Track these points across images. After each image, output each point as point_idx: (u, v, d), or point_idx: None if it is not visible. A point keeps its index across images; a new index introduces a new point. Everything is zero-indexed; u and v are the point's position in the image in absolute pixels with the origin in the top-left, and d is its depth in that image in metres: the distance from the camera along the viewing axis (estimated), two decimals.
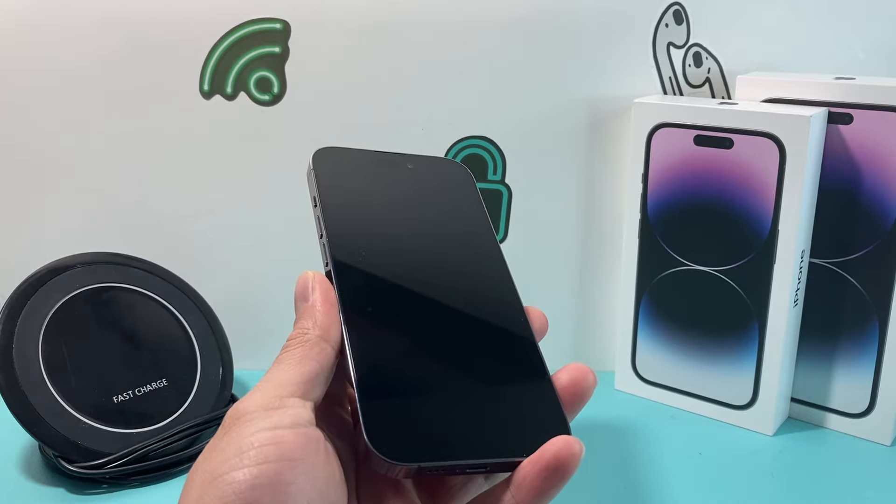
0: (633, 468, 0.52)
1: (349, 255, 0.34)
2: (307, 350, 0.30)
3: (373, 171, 0.38)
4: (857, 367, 0.54)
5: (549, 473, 0.28)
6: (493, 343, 0.33)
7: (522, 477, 0.29)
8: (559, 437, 0.29)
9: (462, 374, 0.32)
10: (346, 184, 0.37)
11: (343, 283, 0.33)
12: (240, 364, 0.59)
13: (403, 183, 0.38)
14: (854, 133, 0.51)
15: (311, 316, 0.31)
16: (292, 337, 0.31)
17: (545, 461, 0.28)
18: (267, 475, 0.26)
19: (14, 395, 0.48)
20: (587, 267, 0.62)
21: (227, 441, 0.27)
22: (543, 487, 0.29)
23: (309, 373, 0.29)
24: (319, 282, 0.32)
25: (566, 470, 0.28)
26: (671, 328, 0.58)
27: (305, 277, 0.32)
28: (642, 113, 0.55)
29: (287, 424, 0.27)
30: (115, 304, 0.54)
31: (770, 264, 0.52)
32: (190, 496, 0.27)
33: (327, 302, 0.32)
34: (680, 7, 0.57)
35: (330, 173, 0.37)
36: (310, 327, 0.31)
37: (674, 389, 0.59)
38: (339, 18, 0.57)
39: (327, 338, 0.31)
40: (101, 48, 0.58)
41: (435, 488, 0.33)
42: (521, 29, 0.57)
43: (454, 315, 0.34)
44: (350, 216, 0.35)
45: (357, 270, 0.33)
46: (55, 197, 0.61)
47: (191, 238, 0.61)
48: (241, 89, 0.58)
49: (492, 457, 0.30)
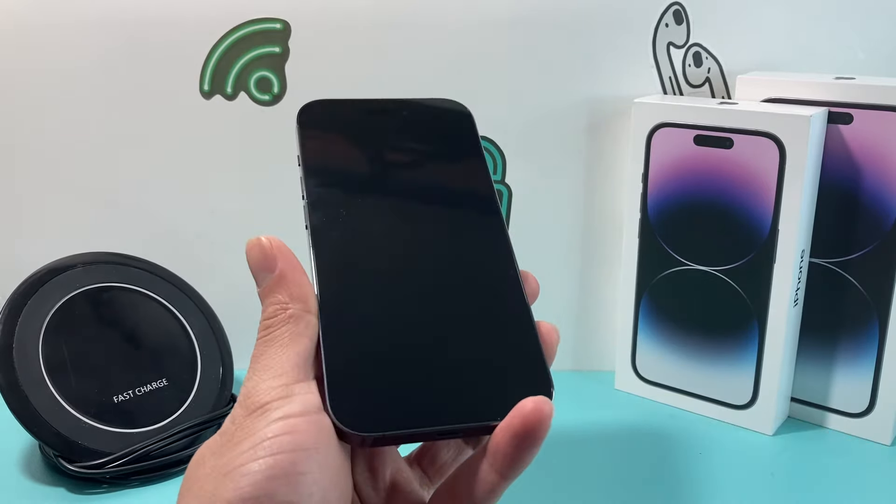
0: (633, 468, 0.52)
1: (328, 217, 0.32)
2: (293, 327, 0.28)
3: (363, 122, 0.36)
4: (857, 366, 0.54)
5: (519, 441, 0.27)
6: (475, 301, 0.31)
7: (496, 444, 0.27)
8: (528, 400, 0.27)
9: (439, 335, 0.30)
10: (333, 139, 0.35)
11: (319, 246, 0.31)
12: (240, 364, 0.59)
13: (395, 133, 0.36)
14: (854, 133, 0.51)
15: (283, 288, 0.29)
16: (271, 314, 0.29)
17: (514, 428, 0.27)
18: (282, 465, 0.26)
19: (14, 394, 0.48)
20: (587, 267, 0.62)
21: (241, 435, 0.27)
22: (516, 455, 0.27)
23: (304, 352, 0.28)
24: (278, 248, 0.30)
25: (536, 434, 0.27)
26: (671, 328, 0.58)
27: (260, 244, 0.30)
28: (642, 113, 0.55)
29: (298, 412, 0.27)
30: (115, 304, 0.54)
31: (770, 264, 0.52)
32: (202, 489, 0.26)
33: (296, 270, 0.29)
34: (680, 7, 0.57)
35: (315, 129, 0.35)
36: (287, 301, 0.29)
37: (674, 389, 0.59)
38: (339, 18, 0.57)
39: (308, 308, 0.29)
40: (101, 48, 0.58)
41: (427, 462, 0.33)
42: (521, 29, 0.57)
43: (436, 274, 0.32)
44: (333, 174, 0.34)
45: (335, 233, 0.32)
46: (55, 197, 0.61)
47: (191, 238, 0.61)
48: (241, 89, 0.58)
49: (462, 421, 0.28)
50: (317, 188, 0.33)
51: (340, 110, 0.36)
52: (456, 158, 0.36)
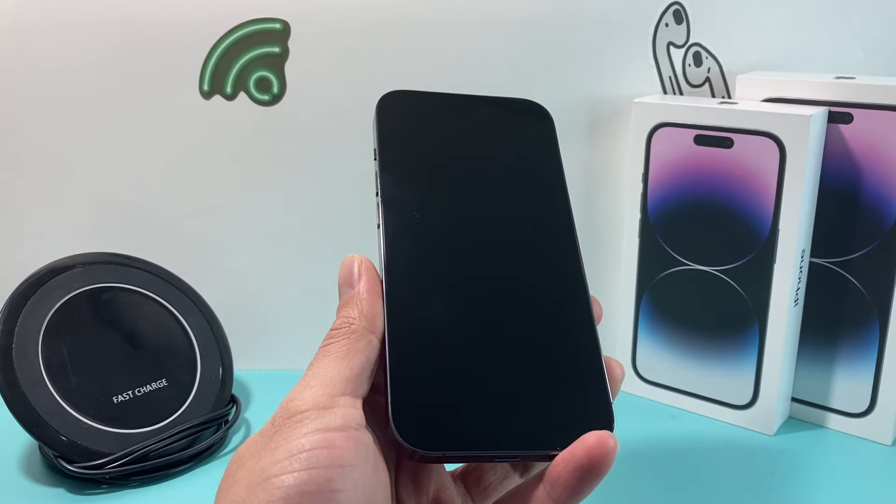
0: (633, 468, 0.52)
1: (401, 217, 0.32)
2: (353, 342, 0.29)
3: (441, 118, 0.35)
4: (858, 366, 0.54)
5: (582, 473, 0.27)
6: (545, 326, 0.31)
7: (557, 475, 0.27)
8: (592, 434, 0.27)
9: (505, 359, 0.30)
10: (410, 134, 0.34)
11: (390, 249, 0.31)
12: (240, 364, 0.59)
13: (472, 131, 0.35)
14: (854, 133, 0.50)
15: (356, 304, 0.30)
16: (337, 326, 0.30)
17: (577, 460, 0.27)
18: (317, 481, 0.26)
19: (14, 395, 0.48)
20: (587, 267, 0.62)
21: (278, 441, 0.27)
22: (578, 487, 0.27)
23: (357, 367, 0.29)
24: (366, 269, 0.31)
25: (600, 468, 0.27)
26: (671, 328, 0.58)
27: (351, 262, 0.31)
28: (642, 112, 0.55)
29: (338, 426, 0.27)
30: (115, 304, 0.54)
31: (770, 264, 0.52)
32: (236, 494, 0.26)
33: (373, 291, 0.30)
34: (680, 7, 0.57)
35: (393, 122, 0.34)
36: (356, 317, 0.29)
37: (674, 389, 0.59)
38: (339, 18, 0.57)
39: (373, 329, 0.29)
40: (100, 48, 0.58)
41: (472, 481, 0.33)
42: (521, 29, 0.57)
43: (506, 291, 0.31)
44: (409, 173, 0.33)
45: (407, 235, 0.31)
46: (55, 197, 0.61)
47: (191, 238, 0.61)
48: (241, 89, 0.58)
49: (523, 449, 0.28)
50: (392, 186, 0.33)
51: (420, 103, 0.36)
52: (535, 166, 0.35)
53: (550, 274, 0.32)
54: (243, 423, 0.57)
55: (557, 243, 0.33)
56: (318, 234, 0.61)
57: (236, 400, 0.57)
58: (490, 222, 0.33)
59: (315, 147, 0.59)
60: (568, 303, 0.32)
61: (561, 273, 0.32)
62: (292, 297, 0.63)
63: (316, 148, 0.59)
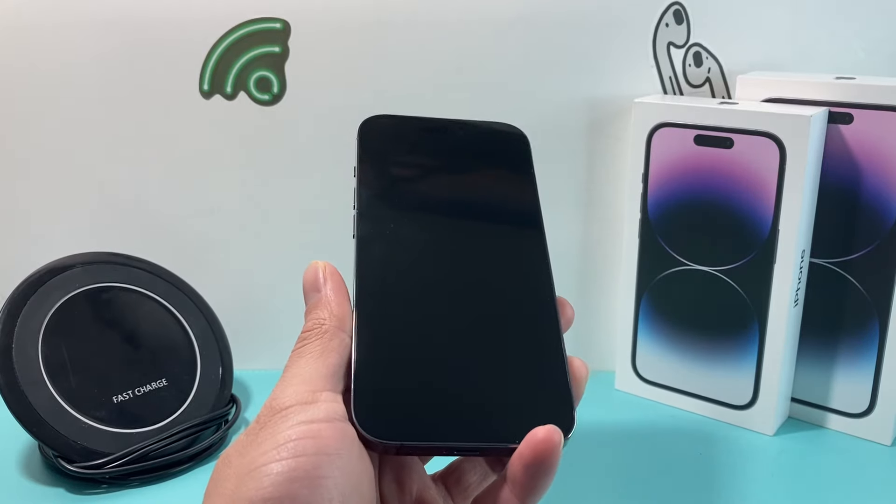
0: (633, 468, 0.52)
1: (375, 230, 0.34)
2: (326, 342, 0.30)
3: (421, 140, 0.37)
4: (858, 366, 0.54)
5: (531, 469, 0.27)
6: (508, 325, 0.32)
7: (513, 471, 0.28)
8: (540, 428, 0.28)
9: (467, 356, 0.31)
10: (389, 155, 0.36)
11: (363, 256, 0.33)
12: (240, 364, 0.59)
13: (448, 151, 0.37)
14: (854, 133, 0.50)
15: (325, 306, 0.31)
16: (308, 328, 0.31)
17: (524, 455, 0.28)
18: (304, 468, 0.26)
19: (14, 395, 0.48)
20: (587, 267, 0.62)
21: (264, 435, 0.27)
22: (530, 483, 0.28)
23: (333, 364, 0.30)
24: (331, 273, 0.32)
25: (547, 463, 0.27)
26: (671, 328, 0.58)
27: (315, 267, 0.32)
28: (642, 113, 0.55)
29: (322, 418, 0.27)
30: (115, 304, 0.54)
31: (770, 264, 0.52)
32: (225, 488, 0.27)
33: (340, 292, 0.32)
34: (680, 7, 0.57)
35: (373, 143, 0.36)
36: (326, 317, 0.31)
37: (674, 389, 0.59)
38: (339, 18, 0.57)
39: (344, 328, 0.31)
40: (100, 48, 0.58)
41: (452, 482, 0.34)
42: (521, 29, 0.57)
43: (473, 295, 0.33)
44: (385, 189, 0.35)
45: (380, 246, 0.33)
46: (55, 197, 0.61)
47: (191, 238, 0.61)
48: (241, 89, 0.58)
49: (480, 441, 0.29)
50: (368, 201, 0.34)
51: (400, 126, 0.38)
52: (507, 182, 0.37)
53: (519, 280, 0.34)
54: (243, 422, 0.57)
55: (526, 252, 0.35)
56: (318, 234, 0.61)
57: (236, 400, 0.57)
58: (460, 233, 0.35)
59: (315, 147, 0.59)
60: (535, 306, 0.33)
61: (529, 279, 0.34)
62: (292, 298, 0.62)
63: (316, 148, 0.59)
